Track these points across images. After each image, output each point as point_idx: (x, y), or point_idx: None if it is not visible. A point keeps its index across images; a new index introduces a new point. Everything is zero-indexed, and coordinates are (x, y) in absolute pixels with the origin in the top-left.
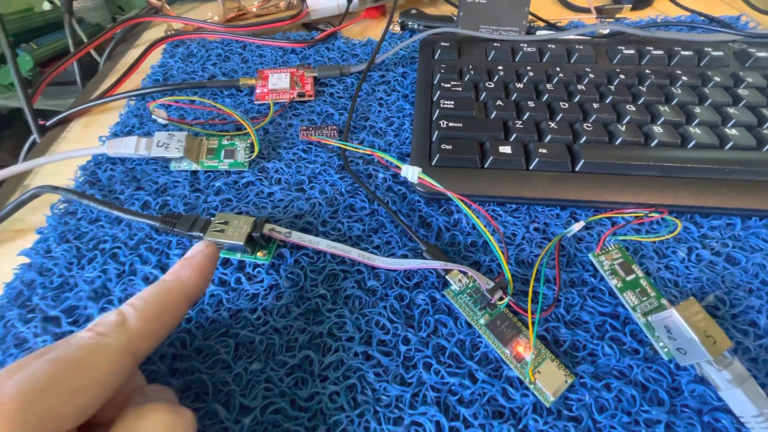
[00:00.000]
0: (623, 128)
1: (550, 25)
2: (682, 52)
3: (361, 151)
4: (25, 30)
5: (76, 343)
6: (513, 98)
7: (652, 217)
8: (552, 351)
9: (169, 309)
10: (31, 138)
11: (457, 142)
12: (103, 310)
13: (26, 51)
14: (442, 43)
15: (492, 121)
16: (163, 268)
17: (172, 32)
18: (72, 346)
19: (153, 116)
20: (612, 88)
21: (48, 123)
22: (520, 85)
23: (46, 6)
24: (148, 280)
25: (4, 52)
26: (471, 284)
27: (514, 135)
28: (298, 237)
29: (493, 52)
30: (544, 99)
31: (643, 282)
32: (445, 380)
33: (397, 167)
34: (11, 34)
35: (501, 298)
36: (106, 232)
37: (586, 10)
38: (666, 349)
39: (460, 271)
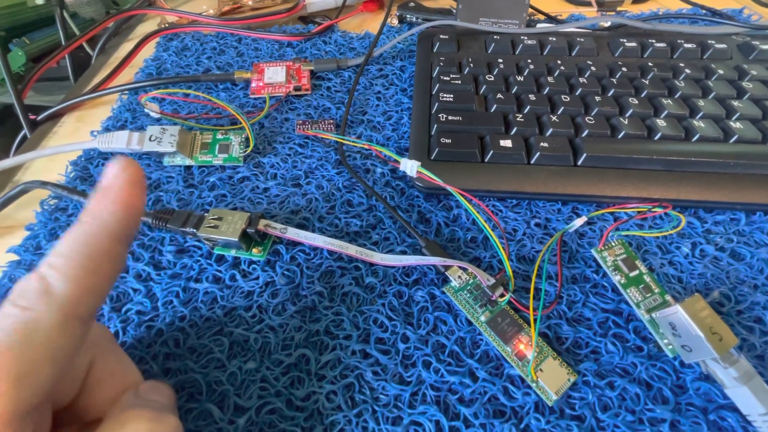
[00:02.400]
0: (626, 121)
1: (551, 18)
2: (685, 45)
3: (358, 145)
4: (18, 24)
5: (1, 328)
6: (513, 91)
7: (655, 212)
8: (554, 348)
9: (100, 259)
10: (22, 133)
11: (456, 136)
12: None
13: (19, 46)
14: (441, 36)
15: (492, 114)
16: (156, 265)
17: (166, 25)
18: None
19: (146, 110)
20: (614, 81)
21: (39, 118)
22: (520, 78)
23: (39, 0)
24: (140, 278)
25: None
26: (471, 281)
27: (515, 128)
28: (294, 233)
29: (493, 44)
30: (545, 92)
31: (647, 278)
32: (444, 379)
33: (396, 161)
34: (3, 28)
35: (502, 295)
36: None
37: (587, 3)
38: (670, 347)
39: (460, 267)
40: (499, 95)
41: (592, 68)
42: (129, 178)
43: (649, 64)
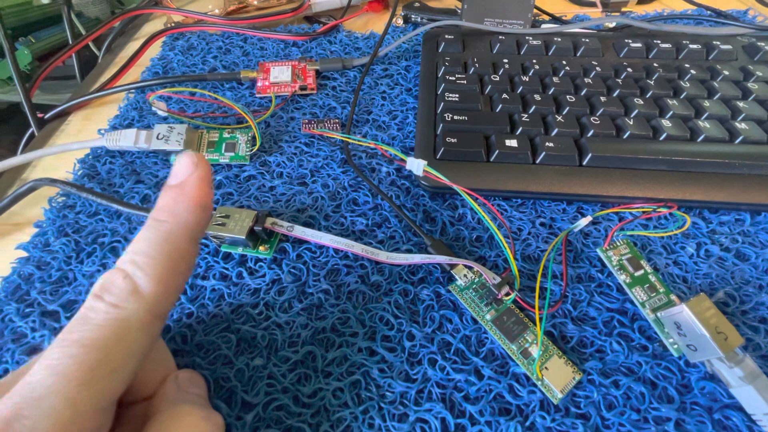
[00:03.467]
0: (631, 122)
1: (555, 19)
2: (690, 46)
3: (364, 144)
4: (24, 23)
5: (96, 323)
6: (519, 91)
7: (660, 212)
8: (559, 347)
9: (180, 259)
10: (29, 131)
11: (462, 136)
12: None
13: (24, 45)
14: (446, 36)
15: (498, 114)
16: None
17: (172, 25)
18: (92, 328)
19: (153, 108)
20: (619, 81)
21: (47, 116)
22: (525, 79)
23: (45, 0)
24: None
25: (2, 45)
26: (476, 279)
27: (521, 128)
28: (300, 231)
29: (498, 45)
30: (550, 92)
31: (652, 278)
32: (450, 376)
33: (402, 160)
34: (9, 27)
35: (507, 294)
36: (105, 225)
37: (592, 4)
38: (676, 346)
39: (466, 266)
40: (505, 95)
41: (597, 69)
42: (202, 174)
43: (654, 64)
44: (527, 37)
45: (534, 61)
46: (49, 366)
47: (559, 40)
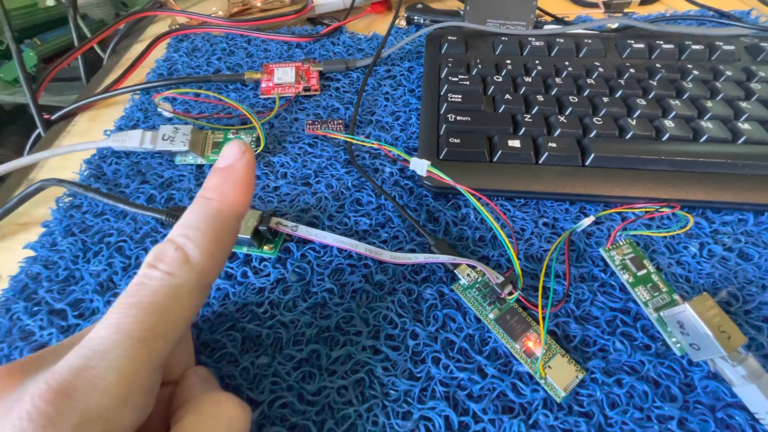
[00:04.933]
0: (634, 122)
1: (558, 20)
2: (693, 46)
3: (368, 144)
4: (29, 26)
5: (151, 288)
6: (521, 92)
7: (663, 211)
8: (562, 346)
9: (226, 235)
10: (36, 132)
11: (465, 136)
12: (109, 303)
13: (30, 47)
14: (449, 38)
15: (500, 114)
16: None
17: (177, 27)
18: (148, 292)
19: (158, 109)
20: (622, 82)
21: (53, 117)
22: (528, 79)
23: (50, 2)
24: None
25: (9, 47)
26: (480, 279)
27: (523, 129)
28: (304, 231)
29: (501, 46)
30: (553, 93)
31: (655, 277)
32: (454, 375)
33: (405, 161)
34: (15, 29)
35: (511, 293)
36: (111, 225)
37: (594, 5)
38: (679, 345)
39: (469, 265)
40: (507, 96)
41: (600, 69)
42: (248, 160)
43: (657, 65)
44: (530, 38)
45: (537, 62)
46: (112, 324)
47: (562, 41)
